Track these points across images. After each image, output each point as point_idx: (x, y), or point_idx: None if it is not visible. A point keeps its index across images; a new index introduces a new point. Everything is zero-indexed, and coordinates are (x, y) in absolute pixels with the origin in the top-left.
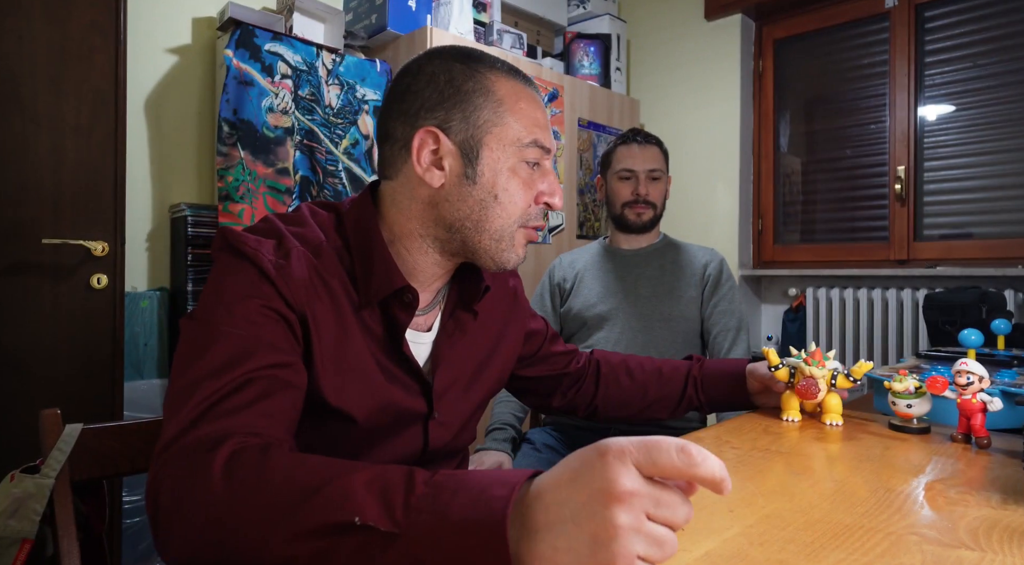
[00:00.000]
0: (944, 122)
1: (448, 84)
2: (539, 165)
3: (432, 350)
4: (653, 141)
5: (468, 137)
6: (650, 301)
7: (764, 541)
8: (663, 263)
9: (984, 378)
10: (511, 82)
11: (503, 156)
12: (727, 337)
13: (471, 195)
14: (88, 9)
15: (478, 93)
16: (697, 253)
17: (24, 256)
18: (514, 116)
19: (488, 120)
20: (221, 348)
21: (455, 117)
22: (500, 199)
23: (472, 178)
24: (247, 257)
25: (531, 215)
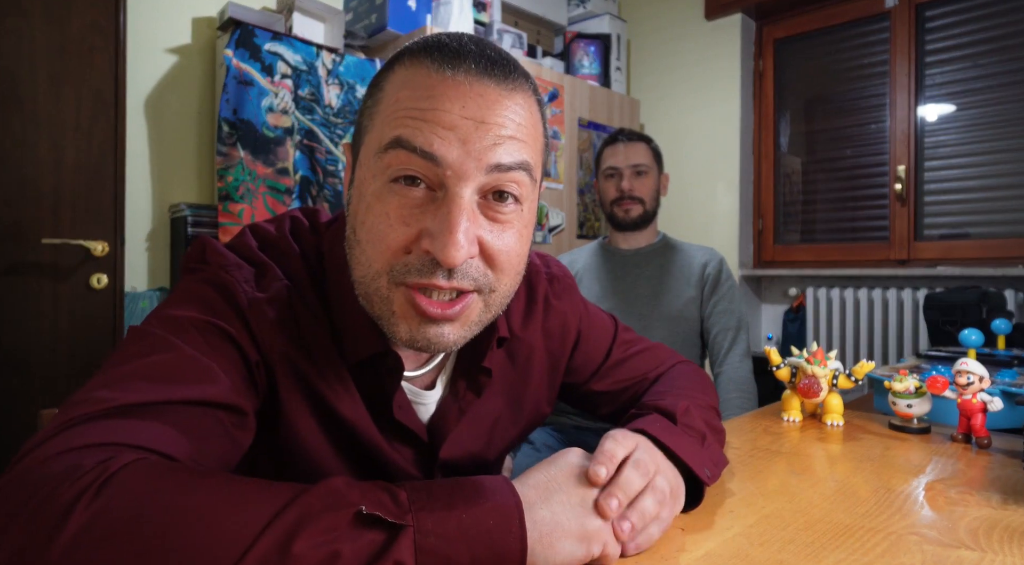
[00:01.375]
0: (944, 122)
1: (369, 89)
2: (429, 186)
3: (438, 411)
4: (638, 138)
5: (356, 152)
6: (649, 301)
7: (764, 541)
8: (662, 263)
9: (984, 378)
10: (413, 68)
11: (368, 173)
12: (727, 337)
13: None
14: (88, 9)
15: (375, 88)
16: (696, 253)
17: (24, 256)
18: (385, 110)
19: (364, 125)
20: (157, 361)
21: (357, 126)
22: (359, 237)
23: (347, 203)
24: (221, 284)
25: (409, 267)
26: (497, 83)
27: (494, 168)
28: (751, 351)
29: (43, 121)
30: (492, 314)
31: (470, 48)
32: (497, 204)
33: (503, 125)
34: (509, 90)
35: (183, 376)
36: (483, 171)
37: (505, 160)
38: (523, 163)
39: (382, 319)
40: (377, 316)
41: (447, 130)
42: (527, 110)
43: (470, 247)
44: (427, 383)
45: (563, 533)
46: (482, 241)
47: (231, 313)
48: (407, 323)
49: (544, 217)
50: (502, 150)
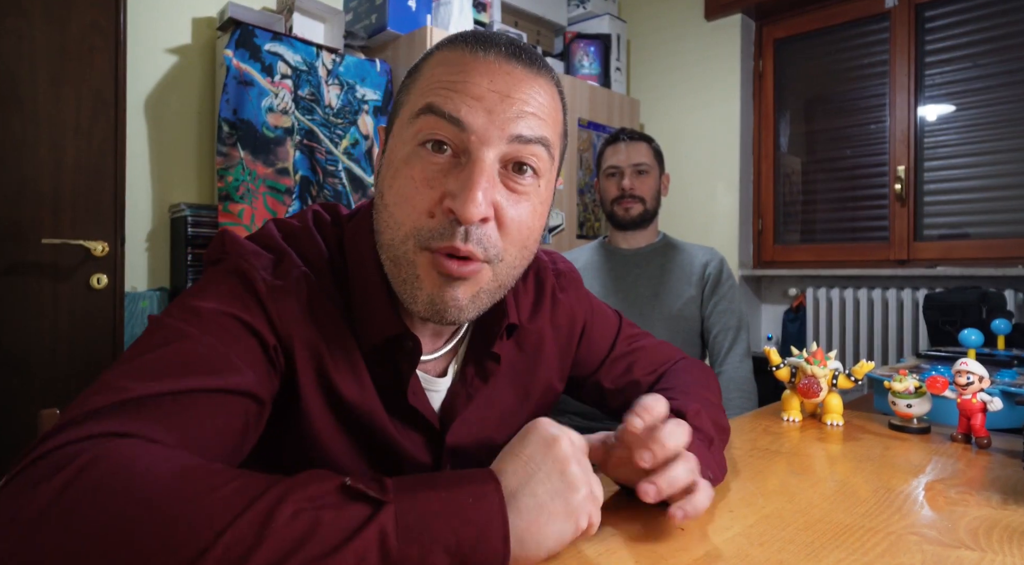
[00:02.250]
0: (944, 122)
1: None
2: (454, 152)
3: (448, 397)
4: (639, 138)
5: (389, 129)
6: (650, 301)
7: (764, 541)
8: (663, 263)
9: (984, 378)
10: (449, 51)
11: (400, 141)
12: (727, 336)
13: (377, 206)
14: (88, 9)
15: (410, 75)
16: (696, 253)
17: (24, 256)
18: (420, 83)
19: (400, 101)
20: (174, 350)
21: (391, 111)
22: (386, 200)
23: (376, 174)
24: (240, 271)
25: (432, 231)
26: (524, 67)
27: (515, 138)
28: (751, 351)
29: (43, 121)
30: (499, 285)
31: (501, 38)
32: (516, 175)
33: (527, 102)
34: (534, 74)
35: (200, 365)
36: (505, 140)
37: (526, 132)
38: (543, 138)
39: (406, 282)
40: (402, 279)
41: (475, 100)
42: (549, 95)
43: (487, 208)
44: (439, 370)
45: (549, 516)
46: (498, 207)
47: (251, 300)
48: (428, 284)
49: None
50: (524, 123)
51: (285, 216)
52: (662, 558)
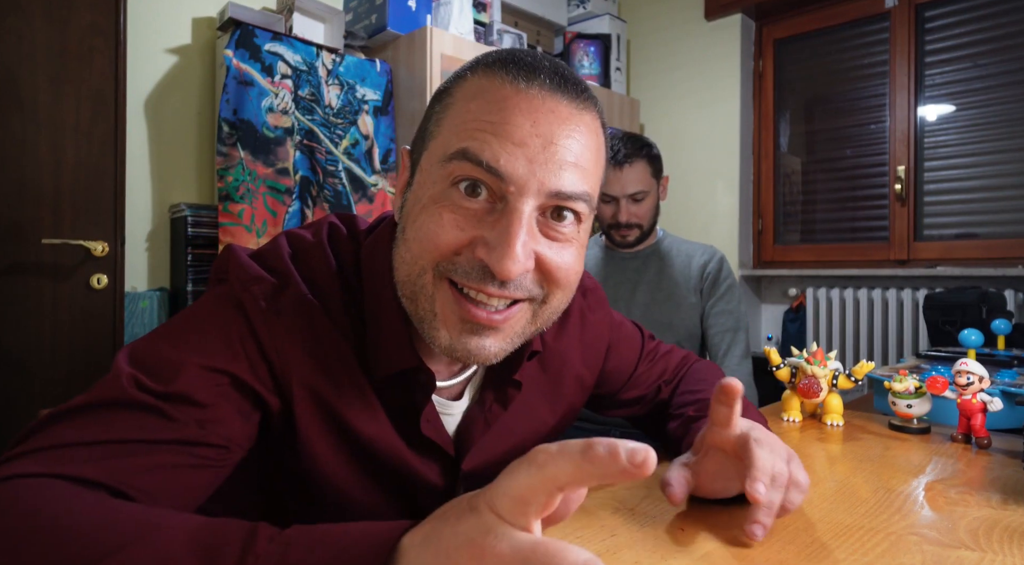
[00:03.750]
0: (944, 122)
1: (436, 95)
2: (490, 198)
3: (464, 421)
4: (635, 157)
5: (416, 158)
6: (650, 308)
7: (764, 541)
8: (661, 266)
9: (984, 378)
10: (486, 78)
11: (429, 178)
12: (724, 338)
13: (400, 239)
14: (88, 9)
15: (440, 101)
16: (696, 253)
17: (24, 256)
18: (455, 118)
19: (430, 131)
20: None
21: (421, 133)
22: (407, 236)
23: (400, 207)
24: (237, 300)
25: (457, 266)
26: (569, 101)
27: (555, 194)
28: (751, 352)
29: (43, 121)
30: (536, 327)
31: (544, 64)
32: (556, 223)
33: (570, 148)
34: (579, 109)
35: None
36: (545, 194)
37: (567, 188)
38: (584, 194)
39: (424, 322)
40: (419, 318)
41: (516, 146)
42: (594, 134)
43: (526, 261)
44: (455, 394)
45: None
46: (540, 256)
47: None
48: (448, 329)
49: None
50: (567, 177)
51: (285, 216)
52: (662, 558)
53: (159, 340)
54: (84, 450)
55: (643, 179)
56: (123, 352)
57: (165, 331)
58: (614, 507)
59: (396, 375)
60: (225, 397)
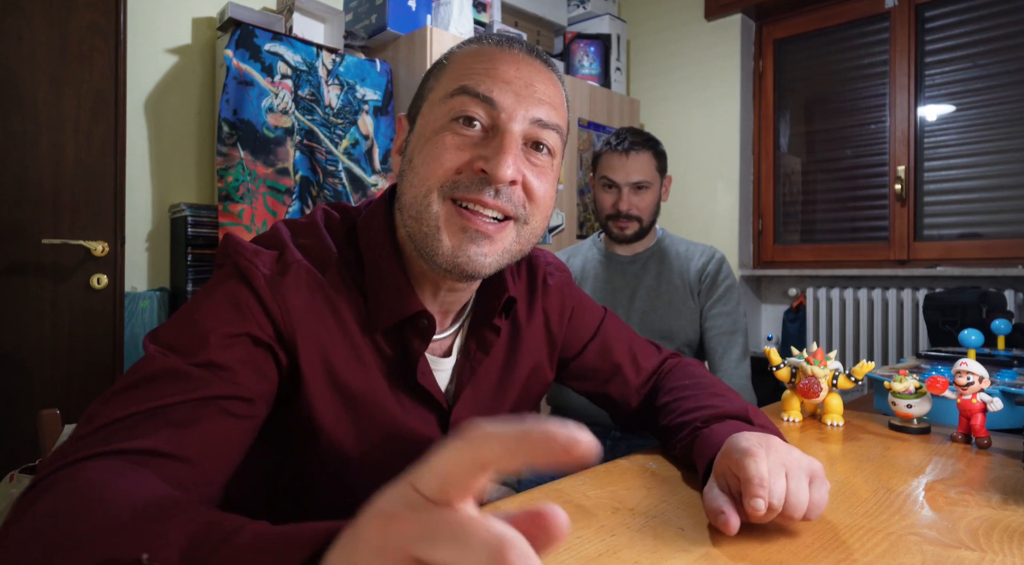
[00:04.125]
0: (944, 122)
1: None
2: (483, 128)
3: (453, 375)
4: (641, 147)
5: (415, 114)
6: (648, 315)
7: (764, 541)
8: (660, 270)
9: (984, 378)
10: (475, 47)
11: (431, 119)
12: (721, 341)
13: (406, 176)
14: (88, 9)
15: (444, 62)
16: (695, 255)
17: (24, 256)
18: (452, 68)
19: (428, 87)
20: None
21: (419, 95)
22: (414, 163)
23: (406, 151)
24: (240, 269)
25: (458, 183)
26: (542, 63)
27: (535, 121)
28: (749, 352)
29: (43, 121)
30: (520, 247)
31: (520, 40)
32: (534, 152)
33: (545, 92)
34: (549, 71)
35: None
36: (528, 121)
37: (544, 117)
38: (557, 125)
39: (428, 238)
40: (423, 236)
41: (505, 83)
42: (560, 92)
43: (516, 173)
44: (444, 350)
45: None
46: (524, 177)
47: (249, 302)
48: (450, 237)
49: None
50: (543, 110)
51: (285, 216)
52: (662, 558)
53: (179, 321)
54: (133, 422)
55: (647, 170)
56: (148, 337)
57: (183, 313)
58: (614, 507)
59: (394, 328)
60: (247, 356)
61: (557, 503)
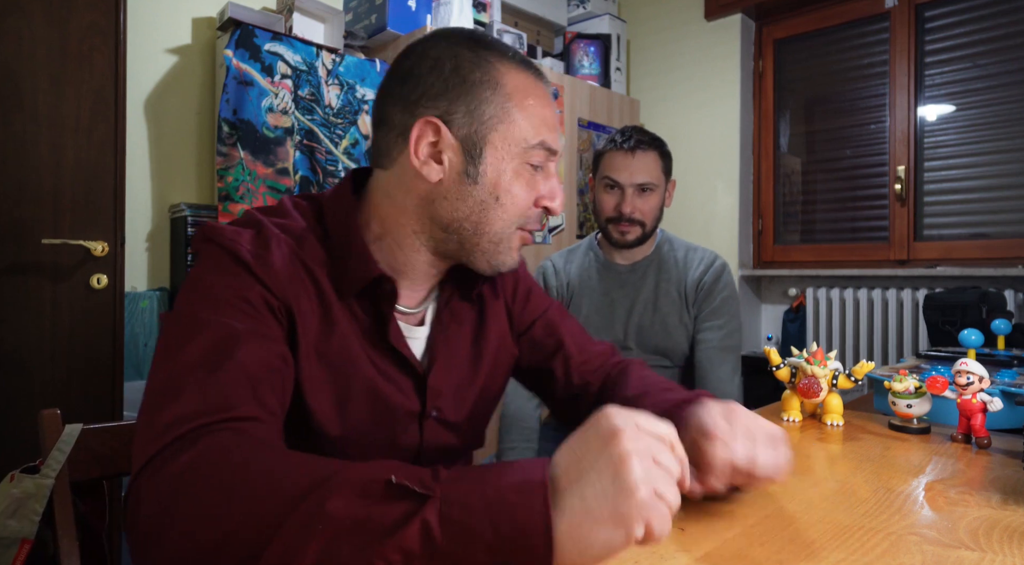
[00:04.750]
0: (944, 122)
1: (454, 72)
2: (542, 167)
3: (427, 344)
4: (647, 146)
5: (472, 132)
6: (646, 331)
7: (764, 541)
8: (659, 281)
9: (984, 378)
10: (522, 74)
11: (507, 156)
12: (709, 356)
13: (471, 195)
14: (88, 9)
15: (485, 85)
16: (694, 263)
17: (24, 256)
18: (522, 113)
19: (494, 116)
20: (207, 337)
21: (459, 109)
22: (502, 201)
23: (474, 177)
24: (226, 249)
25: (530, 218)
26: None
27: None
28: (740, 370)
29: (43, 121)
30: None
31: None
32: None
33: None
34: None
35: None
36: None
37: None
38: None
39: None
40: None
41: (556, 133)
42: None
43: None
44: (418, 320)
45: (594, 521)
46: None
47: (245, 276)
48: (510, 255)
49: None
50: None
51: None
52: (662, 558)
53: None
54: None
55: (653, 171)
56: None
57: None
58: None
59: (365, 294)
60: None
61: None
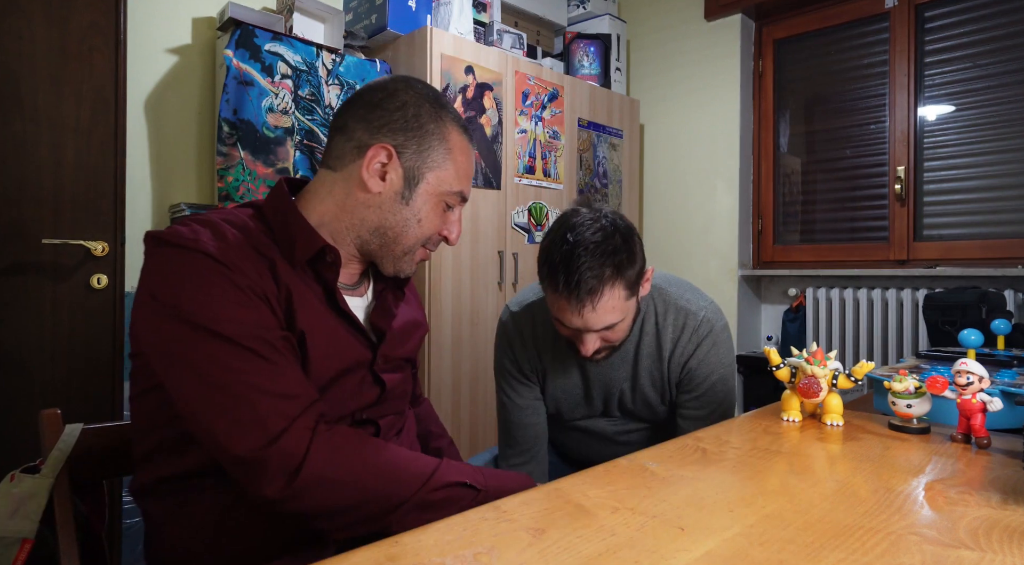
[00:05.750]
0: (944, 122)
1: (415, 118)
2: (453, 208)
3: (367, 311)
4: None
5: (415, 166)
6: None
7: (764, 541)
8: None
9: (984, 378)
10: (462, 137)
11: (434, 192)
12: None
13: (400, 212)
14: (88, 9)
15: (436, 136)
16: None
17: (24, 256)
18: (454, 165)
19: (435, 160)
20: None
21: (411, 146)
22: (421, 223)
23: (407, 199)
24: (192, 249)
25: (432, 240)
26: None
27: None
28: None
29: (43, 121)
30: None
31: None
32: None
33: None
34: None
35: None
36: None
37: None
38: None
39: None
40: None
41: (469, 185)
42: None
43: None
44: (360, 294)
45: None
46: None
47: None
48: (410, 266)
49: (544, 217)
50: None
51: None
52: (662, 558)
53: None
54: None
55: (616, 308)
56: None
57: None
58: (614, 507)
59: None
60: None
61: (557, 503)
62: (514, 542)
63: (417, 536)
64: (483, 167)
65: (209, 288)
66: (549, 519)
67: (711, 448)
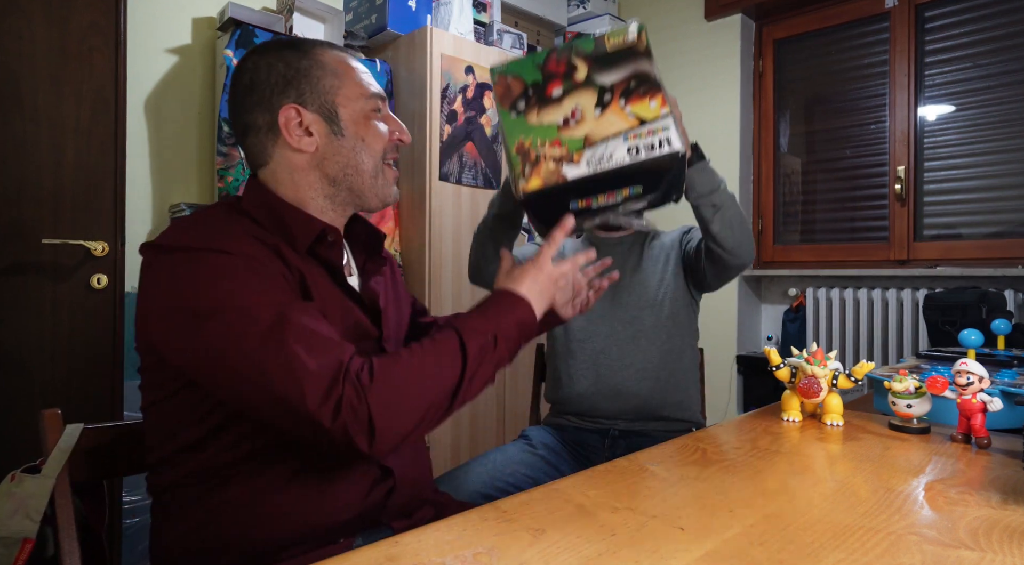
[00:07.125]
0: (944, 122)
1: (287, 67)
2: (382, 112)
3: (361, 287)
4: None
5: (323, 102)
6: (633, 309)
7: (764, 541)
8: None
9: (984, 378)
10: (333, 52)
11: (356, 108)
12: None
13: (343, 145)
14: (88, 9)
15: (314, 67)
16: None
17: (24, 256)
18: (349, 77)
19: (332, 85)
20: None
21: (305, 91)
22: (366, 141)
23: (339, 131)
24: (198, 249)
25: (388, 149)
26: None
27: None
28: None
29: (43, 121)
30: None
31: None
32: None
33: None
34: None
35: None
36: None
37: None
38: None
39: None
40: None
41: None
42: None
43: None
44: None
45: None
46: None
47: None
48: (389, 186)
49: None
50: None
51: None
52: (662, 558)
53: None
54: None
55: None
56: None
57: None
58: (614, 507)
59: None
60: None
61: (557, 503)
62: (514, 542)
63: (417, 536)
64: (483, 167)
65: (229, 282)
66: (549, 519)
67: (711, 448)
